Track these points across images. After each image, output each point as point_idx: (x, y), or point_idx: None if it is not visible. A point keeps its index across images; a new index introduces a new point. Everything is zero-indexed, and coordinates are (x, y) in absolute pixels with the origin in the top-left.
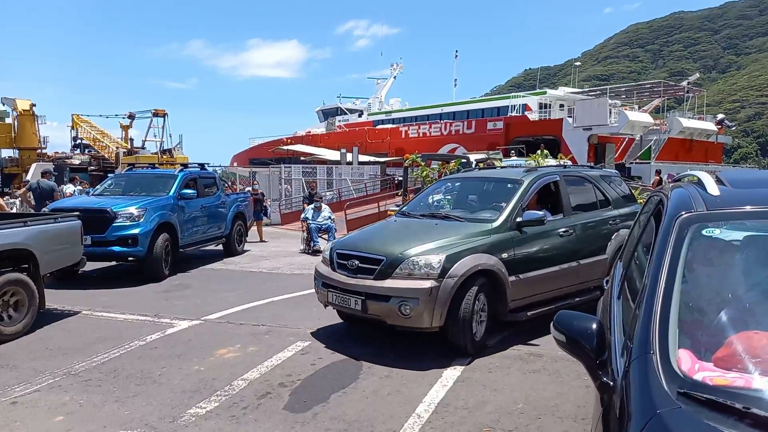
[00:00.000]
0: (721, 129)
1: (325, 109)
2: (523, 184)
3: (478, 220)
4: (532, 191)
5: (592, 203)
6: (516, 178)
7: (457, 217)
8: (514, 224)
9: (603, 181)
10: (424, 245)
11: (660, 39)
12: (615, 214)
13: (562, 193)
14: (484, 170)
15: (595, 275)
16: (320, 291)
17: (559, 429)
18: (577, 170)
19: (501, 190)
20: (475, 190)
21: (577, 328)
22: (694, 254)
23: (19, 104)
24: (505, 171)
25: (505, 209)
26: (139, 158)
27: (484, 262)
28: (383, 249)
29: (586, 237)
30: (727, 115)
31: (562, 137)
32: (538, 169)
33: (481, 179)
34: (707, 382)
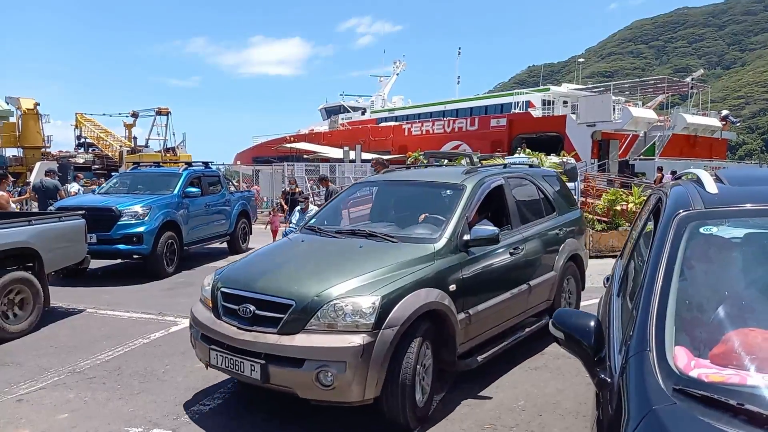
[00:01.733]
0: (725, 125)
1: (328, 107)
2: (466, 190)
3: (416, 240)
4: (477, 199)
5: (537, 210)
6: (456, 182)
7: (387, 236)
8: (461, 244)
9: (545, 181)
10: (350, 280)
11: (664, 35)
12: (561, 222)
13: (508, 200)
14: (413, 170)
15: (544, 297)
16: (199, 346)
17: (561, 425)
18: (519, 170)
19: (438, 198)
20: (403, 197)
21: (576, 326)
22: (691, 252)
23: (23, 103)
24: (441, 172)
25: (447, 224)
26: (142, 156)
27: (431, 299)
28: (291, 287)
29: (536, 253)
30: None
31: (565, 134)
32: (479, 170)
33: (410, 184)
34: (703, 379)
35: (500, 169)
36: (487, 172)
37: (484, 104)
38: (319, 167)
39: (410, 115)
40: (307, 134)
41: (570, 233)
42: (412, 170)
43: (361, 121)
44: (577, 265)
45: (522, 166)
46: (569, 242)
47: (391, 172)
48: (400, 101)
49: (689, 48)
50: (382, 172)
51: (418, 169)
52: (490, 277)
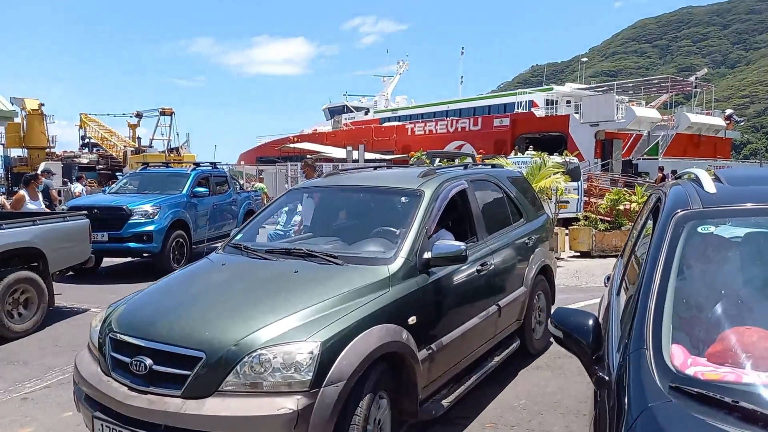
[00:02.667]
0: (729, 124)
1: (332, 107)
2: (424, 197)
3: (366, 261)
4: (438, 207)
5: (504, 217)
6: (412, 187)
7: (330, 257)
8: (421, 264)
9: (511, 183)
10: (281, 320)
11: (668, 34)
12: (530, 229)
13: (472, 207)
14: (360, 173)
15: (514, 317)
16: (83, 410)
17: (561, 424)
18: (482, 171)
19: (392, 207)
20: (350, 207)
21: (574, 324)
22: (689, 251)
23: (27, 104)
24: (394, 175)
25: (404, 240)
26: (147, 156)
27: (387, 339)
28: (201, 333)
29: (505, 268)
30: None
31: (568, 133)
32: (438, 172)
33: (357, 189)
34: (699, 377)
35: (462, 171)
36: (447, 174)
37: (487, 104)
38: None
39: (413, 114)
40: (310, 134)
41: (538, 241)
42: (360, 173)
43: (365, 121)
44: (548, 278)
45: (485, 168)
46: (539, 252)
47: (334, 174)
48: (403, 101)
49: (693, 47)
50: (317, 176)
51: (367, 172)
52: (455, 302)
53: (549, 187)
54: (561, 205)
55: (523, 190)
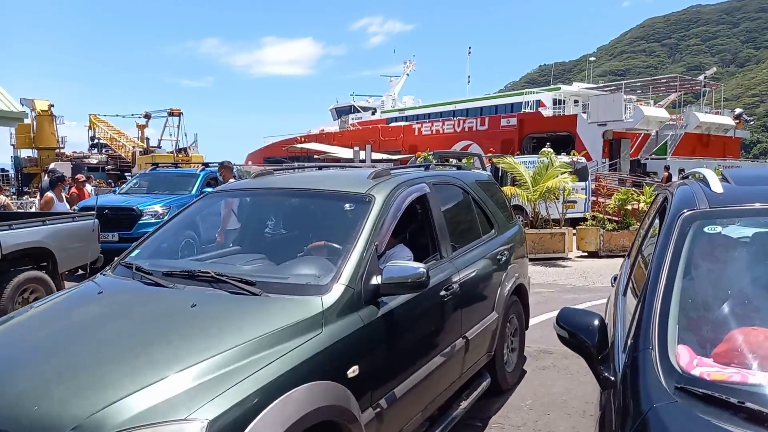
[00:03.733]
0: (739, 124)
1: (339, 107)
2: (374, 204)
3: (291, 288)
4: (392, 216)
5: (473, 228)
6: (360, 191)
7: (243, 283)
8: (368, 292)
9: (480, 189)
10: (153, 385)
11: (677, 33)
12: (502, 242)
13: (435, 216)
14: (299, 174)
15: (484, 350)
16: None
17: (567, 424)
18: (447, 174)
19: (333, 215)
20: (282, 216)
21: (580, 324)
22: (695, 251)
23: (37, 105)
24: (340, 176)
25: (345, 260)
26: (155, 157)
27: (316, 406)
28: (21, 409)
29: (474, 291)
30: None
31: (576, 133)
32: (393, 173)
33: (293, 194)
34: (704, 377)
35: (421, 172)
36: (404, 176)
37: (494, 104)
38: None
39: (420, 114)
40: (317, 134)
41: (512, 256)
42: (298, 174)
43: (372, 121)
44: (521, 298)
45: (451, 170)
46: (512, 269)
47: (266, 175)
48: (410, 101)
49: (702, 46)
50: (245, 178)
51: (308, 172)
52: (413, 340)
53: (557, 187)
54: (568, 205)
55: (494, 196)
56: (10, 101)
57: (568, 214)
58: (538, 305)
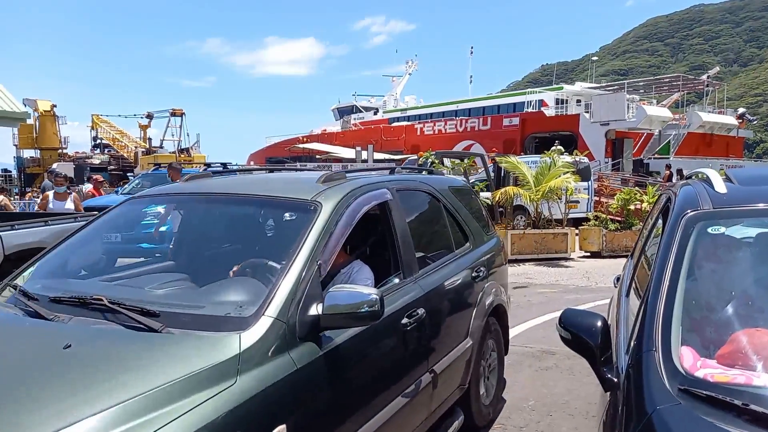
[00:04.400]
0: (742, 123)
1: (341, 108)
2: (321, 212)
3: (203, 322)
4: (343, 228)
5: (444, 242)
6: (305, 197)
7: (143, 314)
8: (305, 325)
9: (454, 196)
10: None
11: (680, 32)
12: (478, 256)
13: (398, 228)
14: (241, 177)
15: (456, 383)
16: None
17: (570, 425)
18: (415, 178)
19: (271, 226)
20: (213, 225)
21: (582, 326)
22: (699, 252)
23: (40, 105)
24: (284, 179)
25: (277, 284)
26: (157, 157)
27: None
28: None
29: (444, 316)
30: (749, 109)
31: (579, 133)
32: (349, 176)
33: (227, 200)
34: (708, 379)
35: (384, 176)
36: (361, 180)
37: (496, 103)
38: (331, 167)
39: (422, 114)
40: (319, 134)
41: (489, 272)
42: (238, 177)
43: (374, 121)
44: (500, 320)
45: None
46: (489, 288)
47: (201, 178)
48: (412, 101)
49: (705, 45)
50: (179, 181)
51: (249, 175)
52: (365, 383)
53: (559, 187)
54: (571, 205)
55: (470, 205)
56: (12, 102)
57: (570, 214)
58: (541, 305)
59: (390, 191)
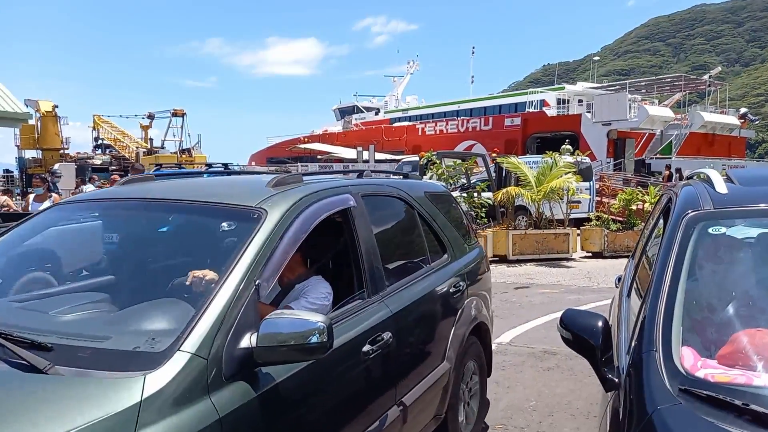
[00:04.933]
0: (744, 123)
1: (342, 108)
2: (264, 222)
3: (101, 360)
4: (292, 240)
5: (417, 254)
6: (248, 204)
7: (31, 348)
8: (234, 362)
9: (431, 203)
10: None
11: (682, 32)
12: (457, 270)
13: (362, 240)
14: (180, 182)
15: (430, 414)
16: None
17: (572, 426)
18: (384, 183)
19: (207, 238)
20: (141, 237)
21: (583, 326)
22: (700, 252)
23: (42, 105)
24: (229, 183)
25: (199, 311)
26: (159, 158)
27: None
28: None
29: (416, 339)
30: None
31: (580, 133)
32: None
33: (159, 206)
34: (708, 379)
35: (348, 180)
36: (320, 183)
37: (498, 103)
38: (332, 167)
39: (424, 114)
40: (321, 135)
41: (470, 287)
42: (183, 180)
43: (375, 122)
44: (482, 338)
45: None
46: (469, 304)
47: (134, 182)
48: (414, 101)
49: (707, 45)
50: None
51: (195, 179)
52: (312, 429)
53: (560, 187)
54: (573, 205)
55: (449, 213)
56: (14, 102)
57: (572, 214)
58: (543, 306)
59: (354, 197)
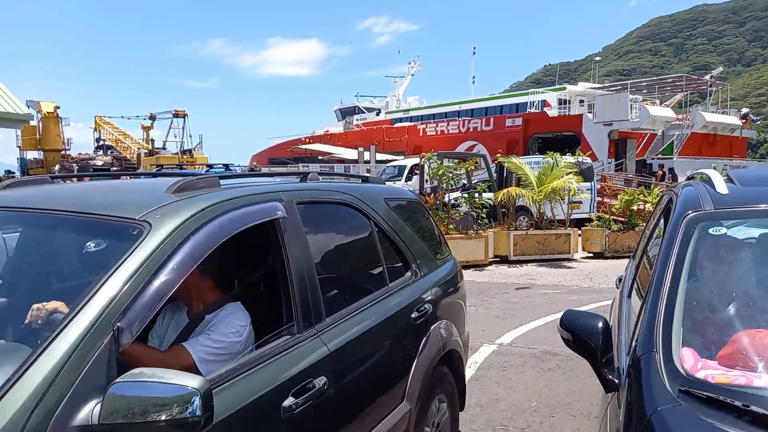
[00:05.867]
0: (745, 123)
1: (343, 108)
2: (144, 241)
3: None
4: (184, 263)
5: (370, 272)
6: (129, 216)
7: None
8: None
9: (393, 211)
10: None
11: (683, 32)
12: (423, 288)
13: (292, 258)
14: (61, 187)
15: None
16: None
17: (572, 426)
18: (330, 187)
19: (73, 260)
20: (8, 254)
21: (583, 327)
22: (700, 253)
23: (43, 107)
24: (121, 188)
25: (21, 369)
26: (160, 158)
27: None
28: None
29: (364, 382)
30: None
31: (581, 133)
32: (223, 185)
33: (20, 218)
34: (709, 380)
35: (283, 183)
36: (240, 189)
37: (499, 104)
38: (333, 168)
39: (425, 115)
40: (322, 135)
41: (440, 308)
42: (72, 184)
43: (376, 122)
44: (454, 368)
45: (337, 182)
46: (437, 329)
47: (30, 184)
48: (415, 101)
49: (708, 45)
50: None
51: (82, 183)
52: None
53: (561, 188)
54: (574, 206)
55: (416, 222)
56: (16, 103)
57: (573, 214)
58: (544, 306)
59: (286, 205)
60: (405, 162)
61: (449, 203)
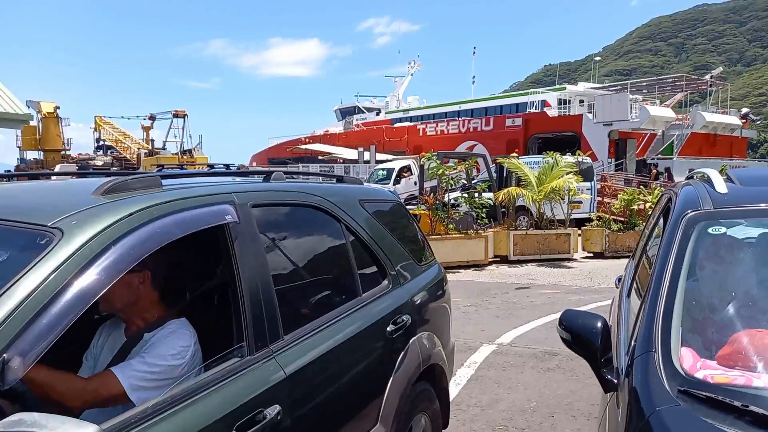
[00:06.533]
0: (745, 123)
1: (343, 108)
2: (50, 252)
3: None
4: (102, 277)
5: (341, 282)
6: (38, 223)
7: None
8: None
9: (369, 214)
10: None
11: (683, 32)
12: (403, 298)
13: (244, 269)
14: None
15: None
16: None
17: (572, 427)
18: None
19: None
20: None
21: (583, 326)
22: (699, 252)
23: (43, 107)
24: (42, 190)
25: None
26: (160, 159)
27: None
28: None
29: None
30: (753, 109)
31: (582, 133)
32: (165, 186)
33: None
34: (708, 380)
35: (235, 185)
36: (180, 191)
37: (499, 104)
38: (333, 168)
39: (425, 115)
40: (322, 135)
41: (421, 318)
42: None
43: (376, 122)
44: (436, 385)
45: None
46: (418, 342)
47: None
48: (415, 101)
49: (709, 45)
50: None
51: (7, 184)
52: None
53: (561, 188)
54: (574, 206)
55: (396, 225)
56: (16, 103)
57: (573, 214)
58: (544, 306)
59: (239, 208)
60: (393, 165)
61: (449, 203)
